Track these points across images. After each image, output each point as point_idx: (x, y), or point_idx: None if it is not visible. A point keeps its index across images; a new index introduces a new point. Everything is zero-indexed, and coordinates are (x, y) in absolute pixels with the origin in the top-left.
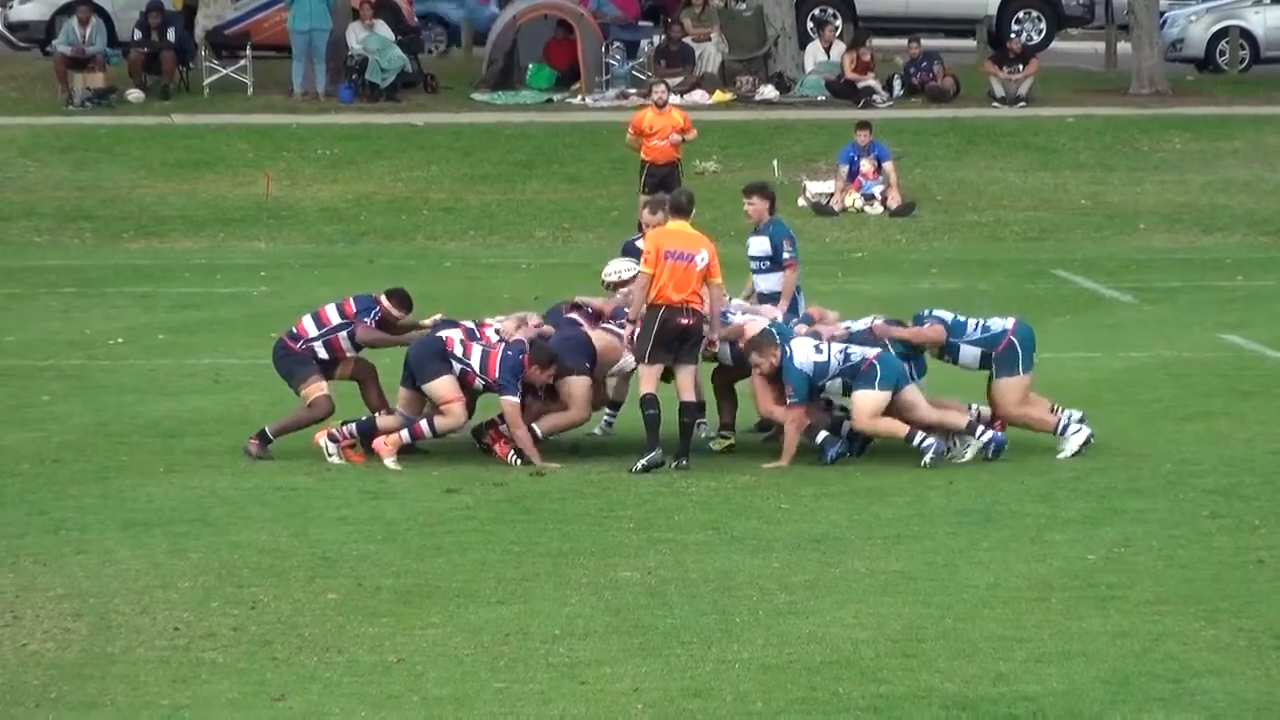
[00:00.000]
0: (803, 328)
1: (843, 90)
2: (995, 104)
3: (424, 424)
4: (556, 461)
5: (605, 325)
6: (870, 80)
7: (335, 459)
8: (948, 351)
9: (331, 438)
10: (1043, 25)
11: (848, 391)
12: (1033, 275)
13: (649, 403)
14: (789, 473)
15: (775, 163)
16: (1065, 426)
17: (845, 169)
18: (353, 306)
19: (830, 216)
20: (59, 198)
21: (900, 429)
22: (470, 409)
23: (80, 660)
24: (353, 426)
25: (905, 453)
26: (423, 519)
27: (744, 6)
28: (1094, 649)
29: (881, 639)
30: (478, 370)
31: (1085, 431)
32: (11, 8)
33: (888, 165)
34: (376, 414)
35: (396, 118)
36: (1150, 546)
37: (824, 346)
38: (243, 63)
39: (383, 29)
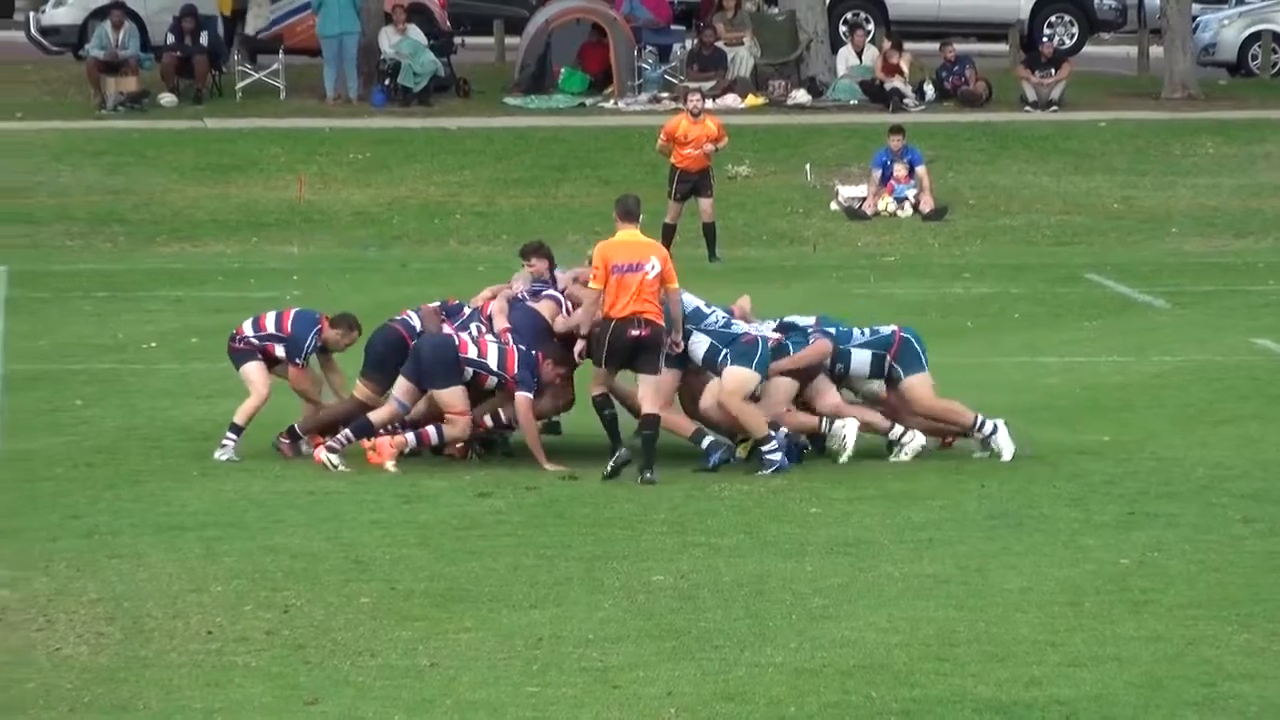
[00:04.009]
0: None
1: (876, 94)
2: (1027, 108)
3: (431, 430)
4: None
5: (548, 293)
6: (898, 82)
7: (341, 468)
8: (839, 360)
9: (330, 449)
10: (1075, 29)
11: (710, 355)
12: (1065, 279)
13: (602, 404)
14: (821, 476)
15: (808, 167)
16: (983, 424)
17: (878, 173)
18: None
19: (862, 220)
20: (92, 202)
21: (761, 429)
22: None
23: (113, 664)
24: (348, 432)
25: (937, 455)
26: (456, 523)
27: (776, 11)
28: (1127, 653)
29: (914, 643)
30: (495, 368)
31: (1004, 432)
32: (44, 12)
33: (920, 169)
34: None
35: (429, 122)
36: (1183, 551)
37: (712, 306)
38: (275, 67)
39: (415, 33)
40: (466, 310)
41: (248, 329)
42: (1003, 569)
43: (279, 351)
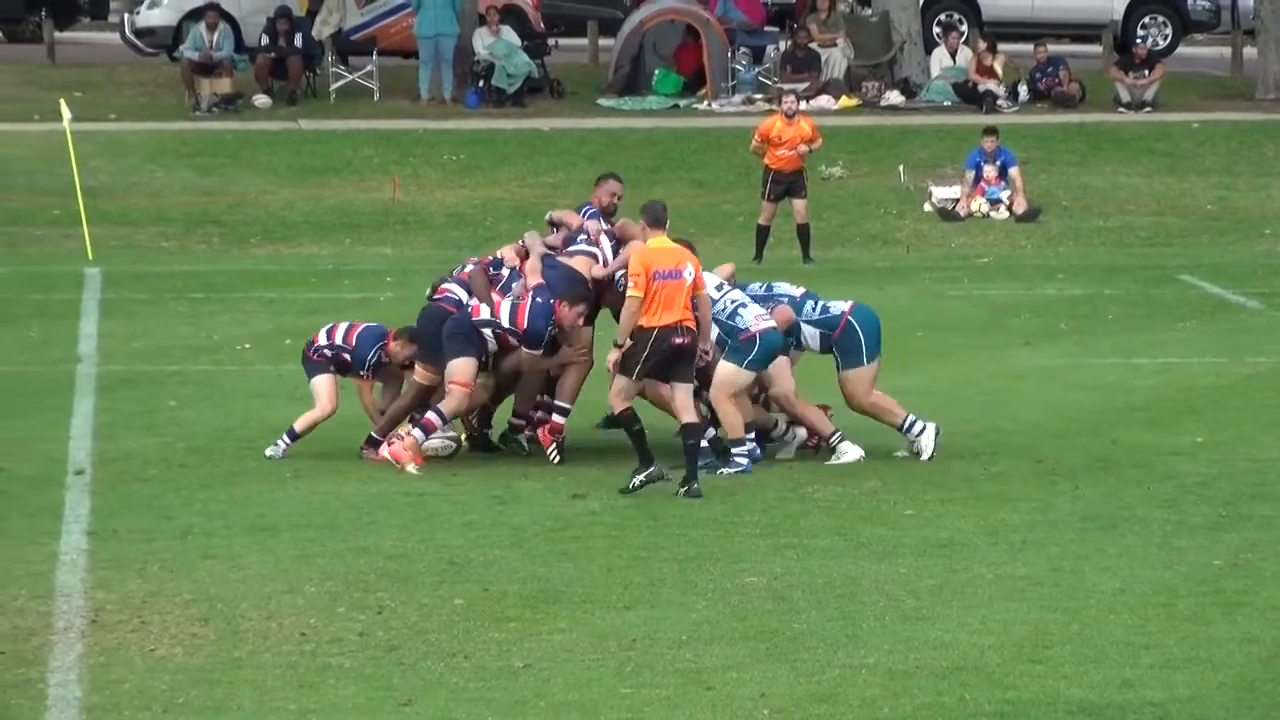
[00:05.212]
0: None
1: (969, 95)
2: (1121, 109)
3: (431, 415)
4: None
5: (575, 248)
6: (991, 84)
7: (416, 466)
8: (791, 332)
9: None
10: (1169, 30)
11: (721, 344)
12: (1159, 280)
13: (630, 419)
14: (915, 478)
15: (901, 168)
16: (913, 424)
17: (971, 174)
18: None
19: (956, 222)
20: (186, 203)
21: (739, 429)
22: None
23: (207, 665)
24: (419, 432)
25: (1030, 458)
26: (549, 524)
27: (870, 12)
28: (1220, 655)
29: (1008, 645)
30: (508, 325)
31: (933, 427)
32: (139, 13)
33: (1013, 171)
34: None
35: (523, 123)
36: (1276, 552)
37: (724, 288)
38: (369, 68)
39: (509, 35)
40: (505, 271)
41: (322, 338)
42: (1096, 571)
43: (348, 357)
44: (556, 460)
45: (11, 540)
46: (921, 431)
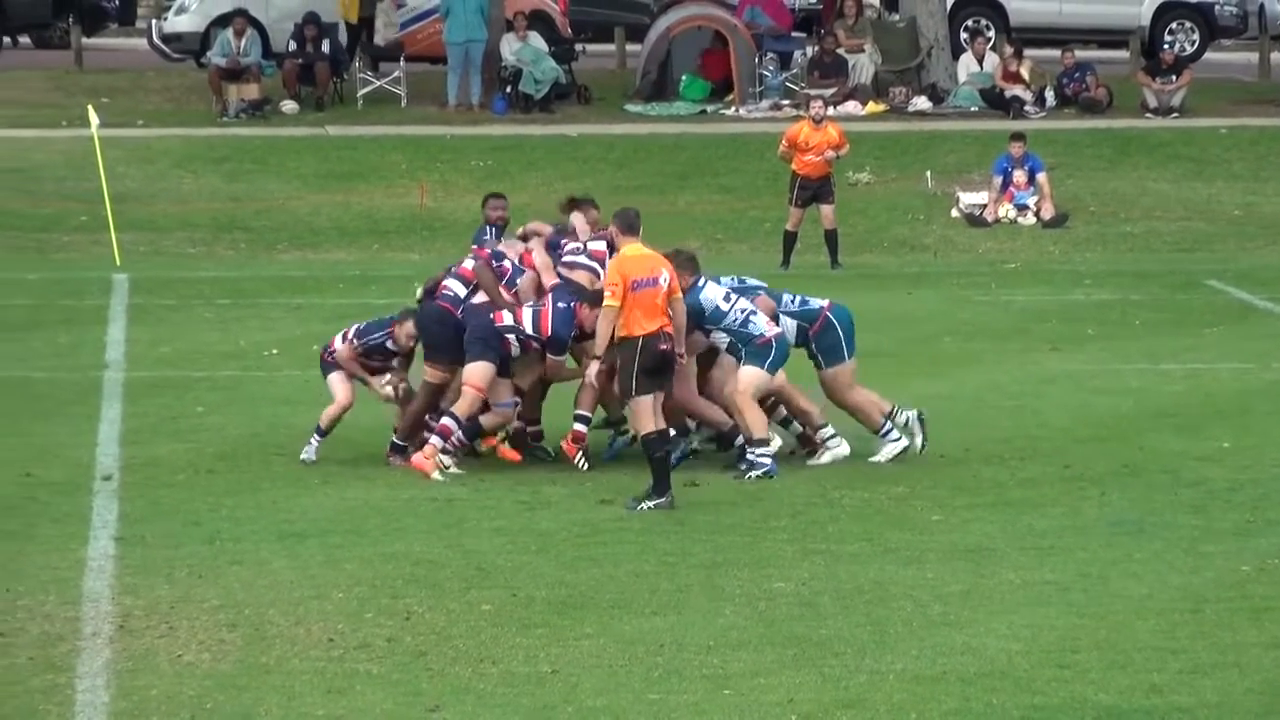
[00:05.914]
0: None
1: (996, 101)
2: (1148, 115)
3: (447, 420)
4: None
5: (575, 259)
6: (1018, 89)
7: (454, 469)
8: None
9: (445, 451)
10: (1196, 36)
11: (732, 350)
12: (1186, 286)
13: (653, 443)
14: (943, 484)
15: (929, 174)
16: (888, 431)
17: (999, 180)
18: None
19: (983, 227)
20: (213, 209)
21: (763, 428)
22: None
23: (235, 671)
24: (459, 435)
25: (1057, 463)
26: (577, 530)
27: (897, 17)
28: (1248, 660)
29: (1035, 650)
30: (531, 332)
31: (904, 443)
32: (166, 19)
33: (1041, 176)
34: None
35: (550, 129)
36: None
37: (732, 297)
38: (397, 74)
39: (536, 40)
40: (508, 265)
41: (337, 342)
42: (1123, 576)
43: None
44: (585, 468)
45: (40, 546)
46: (896, 439)
